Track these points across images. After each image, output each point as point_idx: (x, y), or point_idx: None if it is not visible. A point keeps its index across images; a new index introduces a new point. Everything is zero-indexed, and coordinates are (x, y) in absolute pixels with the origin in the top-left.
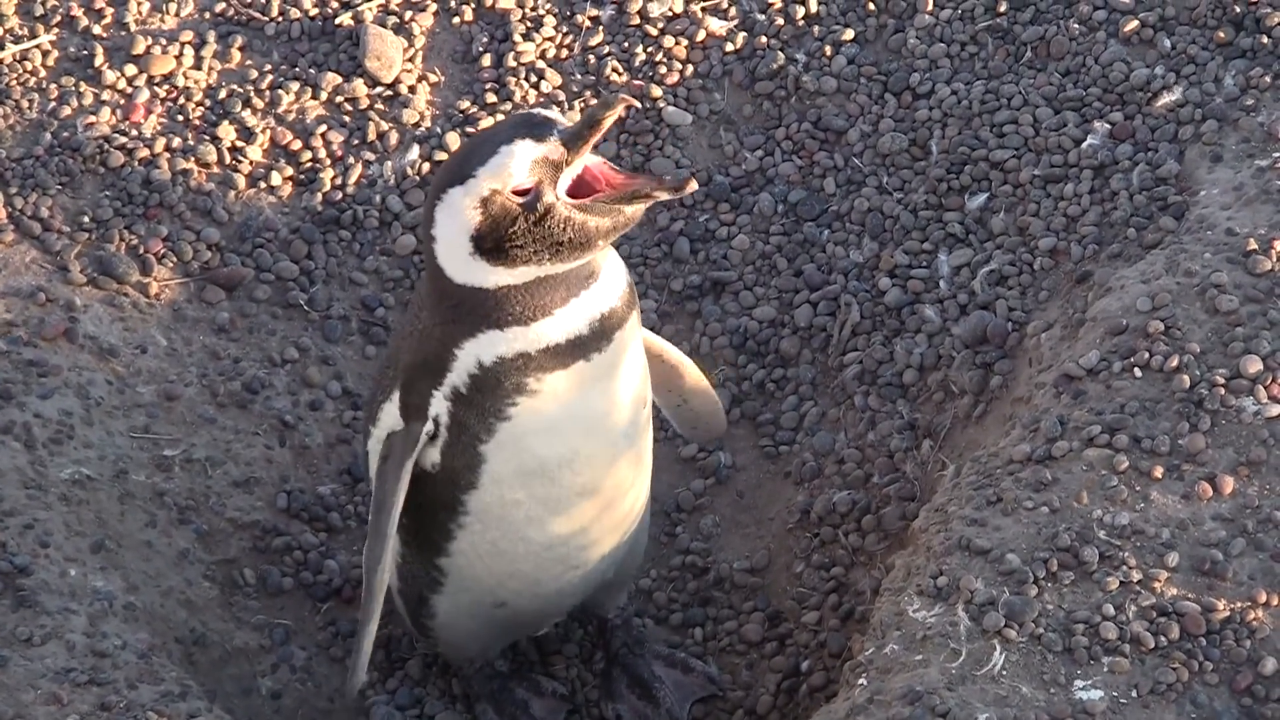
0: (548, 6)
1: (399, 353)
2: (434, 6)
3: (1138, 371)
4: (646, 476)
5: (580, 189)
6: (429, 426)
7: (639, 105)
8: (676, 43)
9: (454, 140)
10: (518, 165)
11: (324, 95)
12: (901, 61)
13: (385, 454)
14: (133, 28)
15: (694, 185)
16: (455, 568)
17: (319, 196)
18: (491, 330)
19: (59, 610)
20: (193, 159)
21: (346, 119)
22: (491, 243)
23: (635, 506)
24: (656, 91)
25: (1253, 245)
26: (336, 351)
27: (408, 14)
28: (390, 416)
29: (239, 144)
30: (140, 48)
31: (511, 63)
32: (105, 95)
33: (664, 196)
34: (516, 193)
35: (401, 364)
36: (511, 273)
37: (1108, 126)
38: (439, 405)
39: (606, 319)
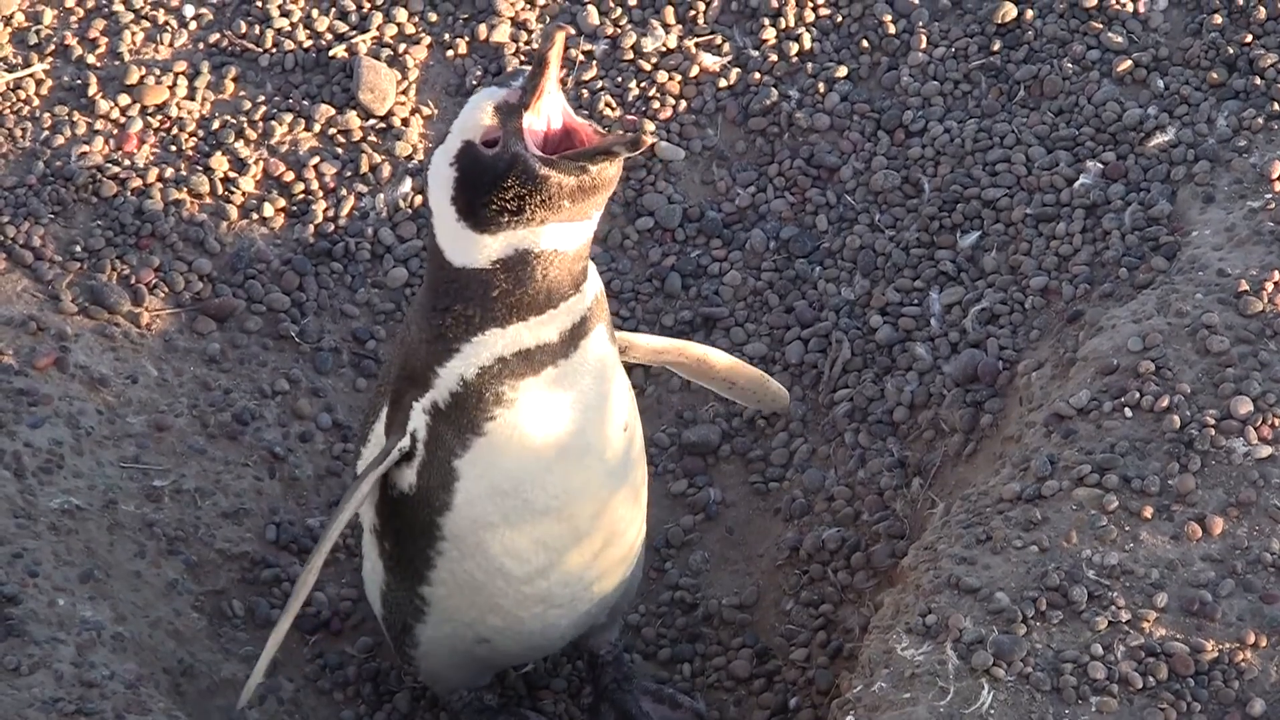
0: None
1: (388, 372)
2: (428, 39)
3: (1128, 411)
4: (642, 516)
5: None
6: (405, 441)
7: (573, 31)
8: (670, 78)
9: None
10: (482, 113)
11: (317, 127)
12: (895, 99)
13: (360, 470)
14: (127, 57)
15: (650, 138)
16: (437, 598)
17: (311, 228)
18: (475, 336)
19: (47, 640)
20: (185, 189)
21: (339, 151)
22: (466, 200)
23: (633, 549)
24: (650, 126)
25: (1244, 286)
26: (327, 383)
27: (401, 47)
28: (378, 436)
29: (232, 175)
30: (134, 77)
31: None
32: (98, 125)
33: (622, 153)
34: (487, 143)
35: (389, 379)
36: (494, 240)
37: (1100, 166)
38: (418, 419)
39: (576, 326)
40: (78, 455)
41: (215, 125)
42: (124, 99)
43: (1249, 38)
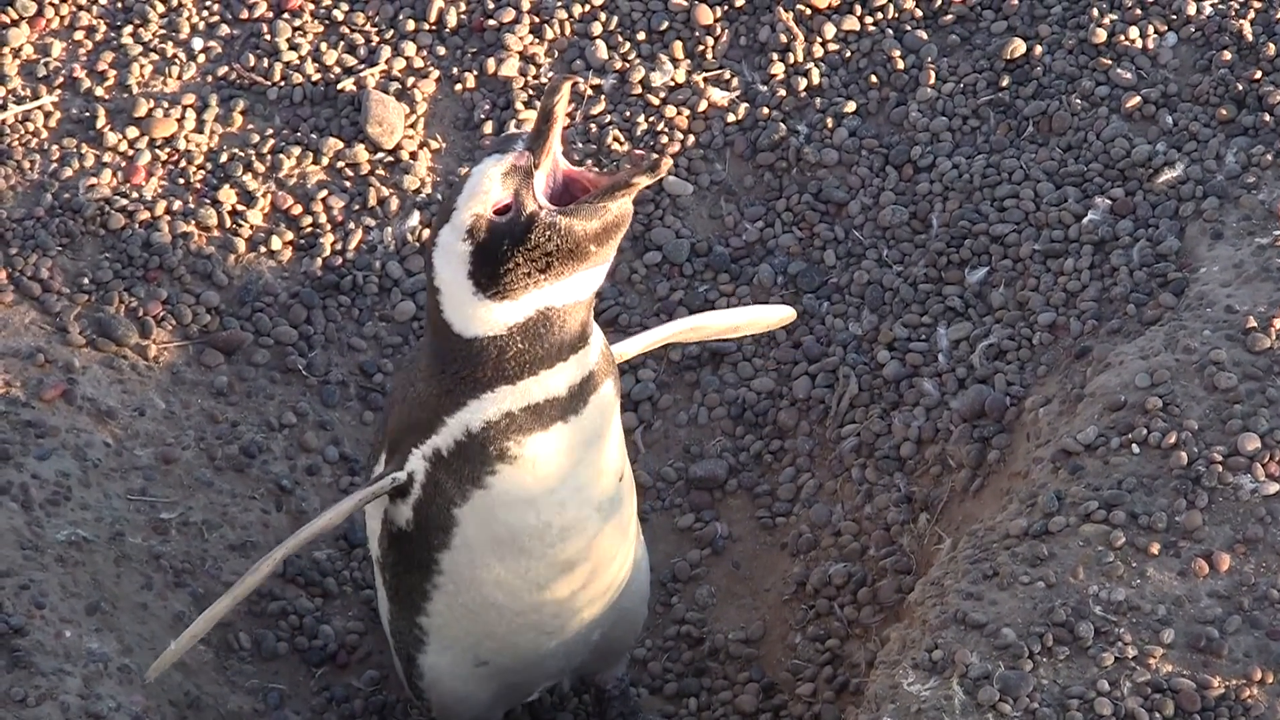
0: (550, 75)
1: (388, 418)
2: (436, 73)
3: (1135, 448)
4: (628, 549)
5: (571, 200)
6: (401, 475)
7: (581, 80)
8: (678, 113)
9: None
10: (490, 182)
11: (325, 160)
12: (903, 134)
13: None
14: (135, 90)
15: (669, 163)
16: (435, 627)
17: (319, 261)
18: (484, 393)
19: (54, 671)
20: (193, 222)
21: (347, 184)
22: (487, 273)
23: (617, 579)
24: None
25: (1252, 323)
26: (334, 417)
27: (410, 80)
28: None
29: (240, 208)
30: (142, 110)
31: (513, 130)
32: (107, 157)
33: (643, 182)
34: (498, 211)
35: (390, 426)
36: (515, 305)
37: (1109, 202)
38: (416, 463)
39: (585, 382)
40: (85, 487)
41: (223, 158)
42: (132, 132)
43: (1258, 74)
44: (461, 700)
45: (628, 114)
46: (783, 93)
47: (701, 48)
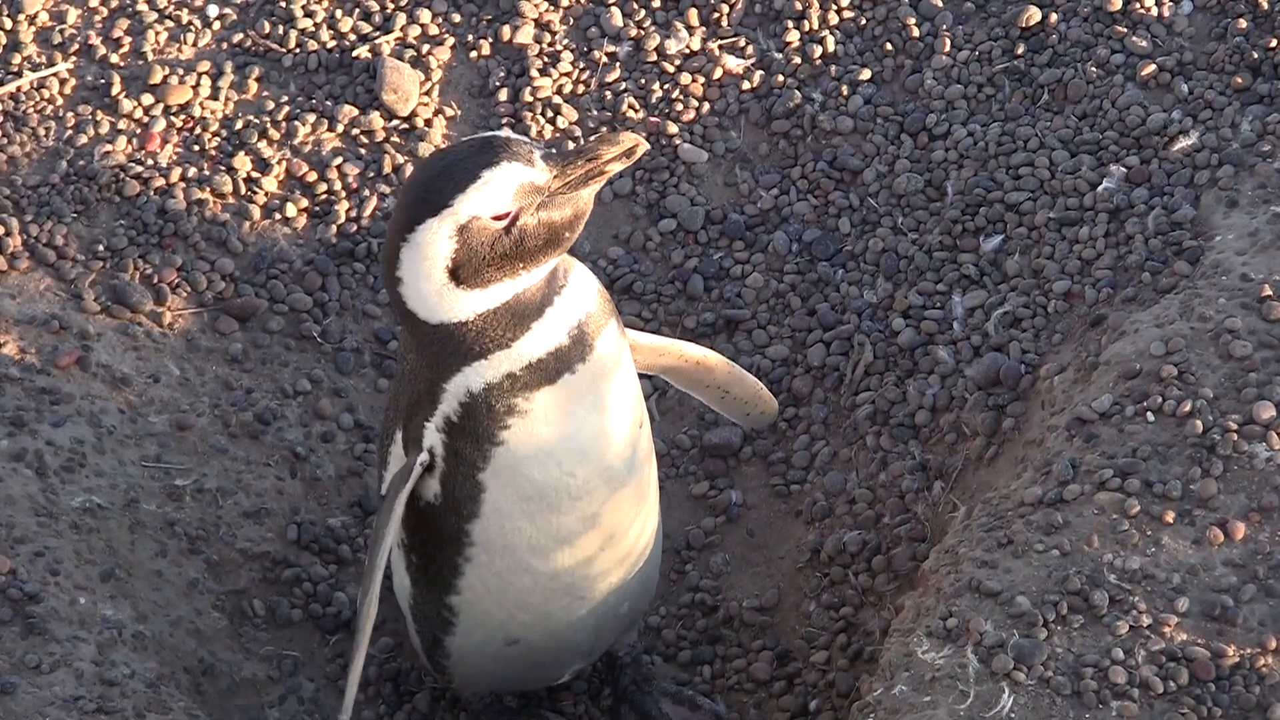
0: (565, 42)
1: (397, 394)
2: (451, 40)
3: (1150, 416)
4: (652, 510)
5: None
6: (424, 457)
7: (648, 149)
8: (693, 80)
9: None
10: (503, 189)
11: (340, 127)
12: (918, 102)
13: (385, 491)
14: (150, 57)
15: (645, 145)
16: (465, 604)
17: (334, 228)
18: (477, 361)
19: (68, 638)
20: (208, 189)
21: (362, 151)
22: (471, 269)
23: (641, 540)
24: (672, 128)
25: (1267, 291)
26: (349, 384)
27: (425, 47)
28: (396, 458)
29: (254, 175)
30: (157, 77)
31: (528, 98)
32: (122, 124)
33: (618, 168)
34: (496, 217)
35: (399, 404)
36: (485, 294)
37: (1124, 170)
38: (432, 437)
39: (584, 324)
40: (99, 454)
41: (238, 125)
42: (147, 99)
43: (1274, 42)
44: (487, 675)
45: (643, 81)
46: (798, 60)
47: (716, 15)
